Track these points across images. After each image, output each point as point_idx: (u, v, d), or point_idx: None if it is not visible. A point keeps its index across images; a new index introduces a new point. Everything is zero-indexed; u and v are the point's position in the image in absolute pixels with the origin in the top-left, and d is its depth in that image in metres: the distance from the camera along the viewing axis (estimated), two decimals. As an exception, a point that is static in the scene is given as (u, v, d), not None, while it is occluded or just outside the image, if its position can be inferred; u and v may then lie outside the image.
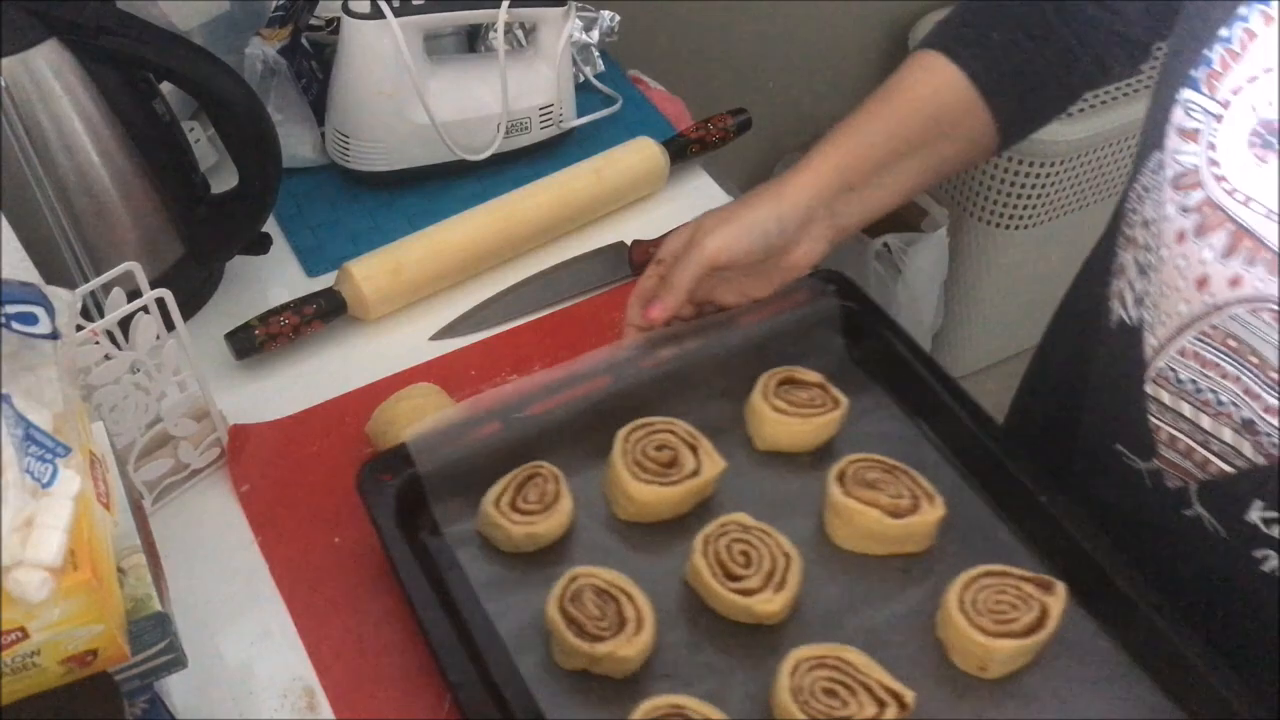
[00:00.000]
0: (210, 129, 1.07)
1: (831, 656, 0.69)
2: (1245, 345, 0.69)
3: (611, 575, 0.73)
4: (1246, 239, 0.66)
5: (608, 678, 0.71)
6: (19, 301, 0.54)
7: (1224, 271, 0.68)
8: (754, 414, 0.84)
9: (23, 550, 0.50)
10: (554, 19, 1.09)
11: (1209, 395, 0.72)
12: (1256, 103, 0.65)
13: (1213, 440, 0.73)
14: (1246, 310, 0.68)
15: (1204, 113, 0.68)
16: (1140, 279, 0.75)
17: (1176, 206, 0.70)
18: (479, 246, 1.02)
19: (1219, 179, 0.67)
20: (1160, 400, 0.75)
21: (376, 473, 0.78)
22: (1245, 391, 0.70)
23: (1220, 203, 0.67)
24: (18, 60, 0.82)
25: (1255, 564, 0.73)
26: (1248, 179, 0.66)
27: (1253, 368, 0.69)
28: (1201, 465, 0.74)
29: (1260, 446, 0.70)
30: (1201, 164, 0.68)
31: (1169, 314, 0.73)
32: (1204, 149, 0.68)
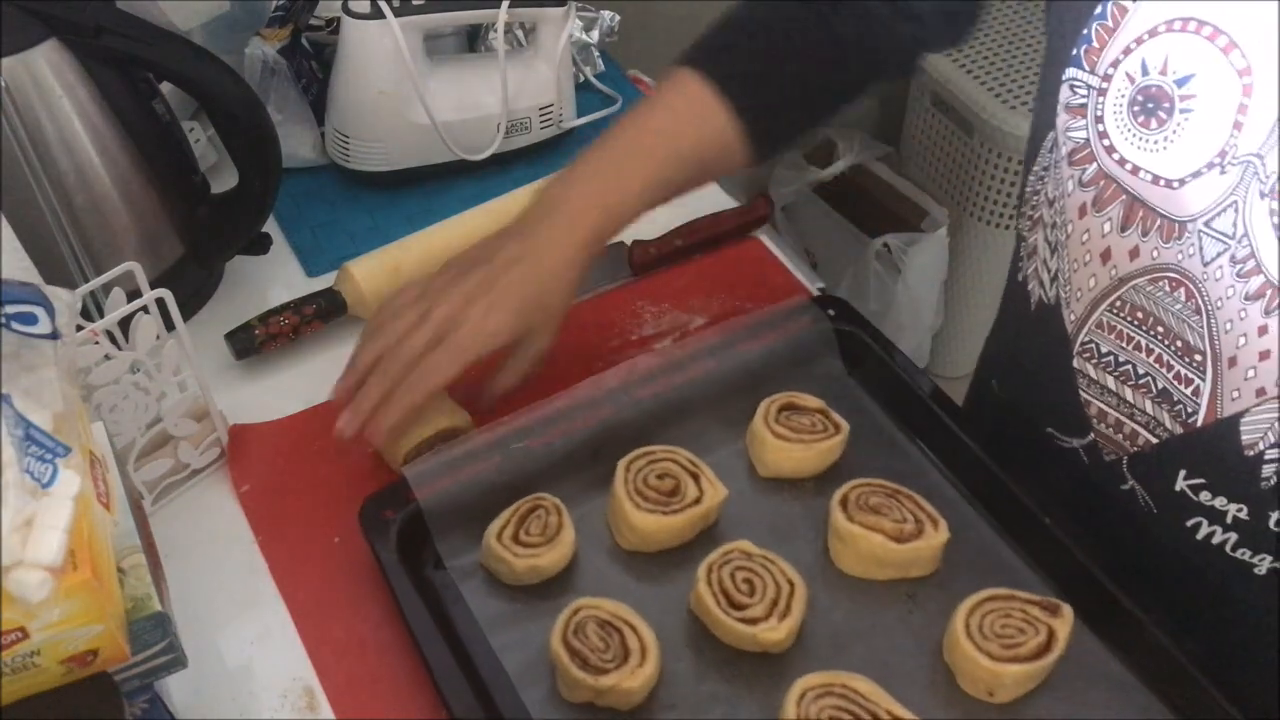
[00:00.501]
0: (210, 129, 1.07)
1: (838, 684, 0.69)
2: (1150, 315, 0.71)
3: (615, 606, 0.73)
4: (1140, 208, 0.69)
5: (613, 709, 0.71)
6: (19, 301, 0.54)
7: (1123, 244, 0.71)
8: (755, 440, 0.84)
9: (23, 550, 0.50)
10: (554, 19, 1.09)
11: (1128, 367, 0.74)
12: (1132, 71, 0.67)
13: (1137, 412, 0.75)
14: (1147, 280, 0.71)
15: (1087, 88, 0.70)
16: (1052, 258, 0.78)
17: (1075, 181, 0.73)
18: (479, 246, 1.02)
19: (1109, 150, 0.70)
20: (1087, 374, 0.77)
21: (378, 508, 0.78)
22: (1157, 361, 0.72)
23: (1112, 173, 0.70)
24: (18, 60, 0.82)
25: (1189, 533, 0.75)
26: (1132, 147, 0.69)
27: (1160, 337, 0.71)
28: (1130, 438, 0.77)
29: (1177, 416, 0.72)
30: (1091, 136, 0.71)
31: (1080, 289, 0.75)
32: (1091, 122, 0.70)
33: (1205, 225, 0.66)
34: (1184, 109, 0.66)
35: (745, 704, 0.72)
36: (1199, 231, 0.67)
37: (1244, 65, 0.63)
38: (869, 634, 0.75)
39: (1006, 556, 0.79)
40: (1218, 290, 0.67)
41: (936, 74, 1.93)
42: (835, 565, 0.79)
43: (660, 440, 0.83)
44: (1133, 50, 0.67)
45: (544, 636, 0.72)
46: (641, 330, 0.99)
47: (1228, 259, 0.66)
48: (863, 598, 0.77)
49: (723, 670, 0.74)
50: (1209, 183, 0.66)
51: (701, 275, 1.04)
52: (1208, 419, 0.71)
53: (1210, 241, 0.66)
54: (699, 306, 1.01)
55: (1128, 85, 0.68)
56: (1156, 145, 0.67)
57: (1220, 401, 0.70)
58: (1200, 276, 0.68)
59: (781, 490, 0.84)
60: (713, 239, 1.06)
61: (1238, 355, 0.67)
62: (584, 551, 0.80)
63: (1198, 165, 0.66)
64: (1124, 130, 0.69)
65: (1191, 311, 0.69)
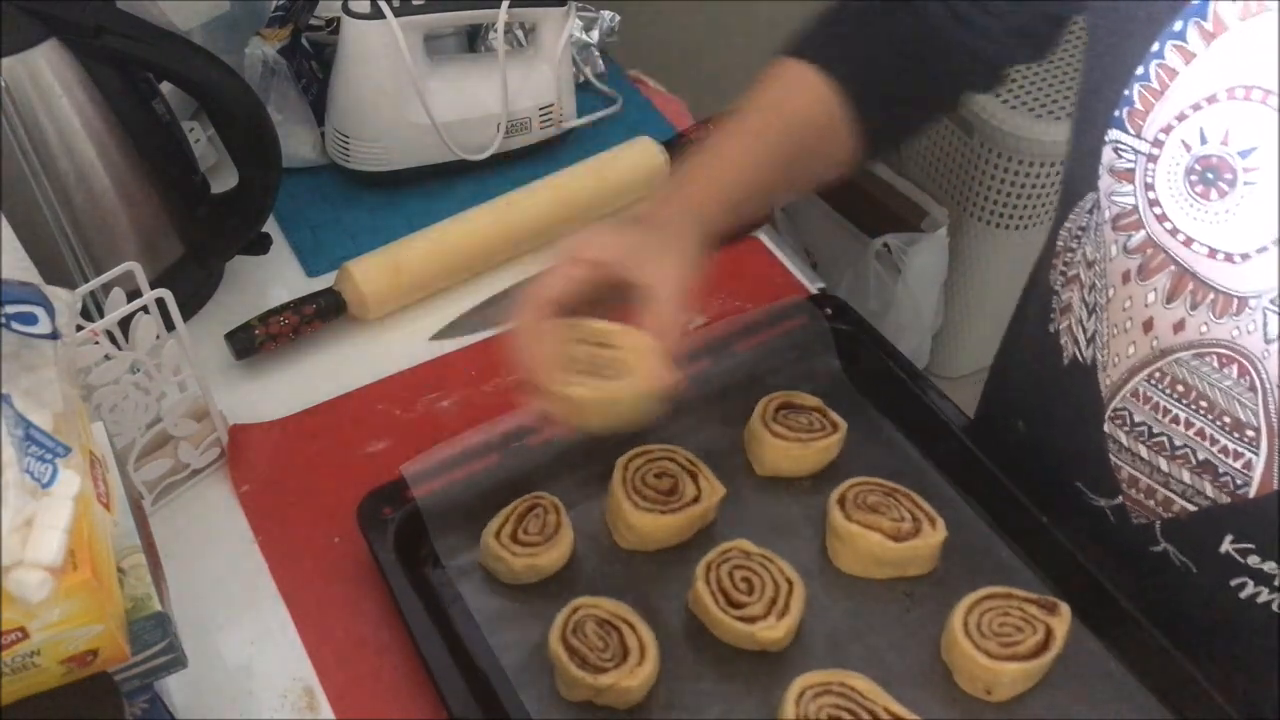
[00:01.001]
0: (210, 129, 1.07)
1: (836, 683, 0.69)
2: (1193, 389, 0.68)
3: (614, 605, 0.73)
4: (1190, 280, 0.65)
5: (612, 708, 0.71)
6: (19, 301, 0.54)
7: (1168, 315, 0.67)
8: (753, 439, 0.84)
9: (23, 550, 0.50)
10: (554, 19, 1.09)
11: (1162, 439, 0.71)
12: (1189, 139, 0.63)
13: (1173, 480, 0.72)
14: (1192, 355, 0.67)
15: (1134, 152, 0.66)
16: (1089, 319, 0.74)
17: (1119, 247, 0.69)
18: (479, 246, 1.02)
19: (1160, 218, 0.66)
20: (1118, 440, 0.74)
21: (376, 506, 0.79)
22: (1198, 435, 0.69)
23: (1162, 243, 0.66)
24: (18, 60, 0.82)
25: (1232, 592, 0.73)
26: (1187, 218, 0.64)
27: (1203, 412, 0.68)
28: (1164, 504, 0.74)
29: (1223, 487, 0.69)
30: (1140, 203, 0.67)
31: (1119, 355, 0.72)
32: (1141, 188, 0.66)
33: (1270, 302, 0.63)
34: (1248, 181, 0.61)
35: (744, 703, 0.72)
36: (1264, 309, 0.63)
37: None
38: (867, 632, 0.75)
39: (1004, 555, 0.79)
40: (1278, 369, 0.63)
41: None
42: (833, 564, 0.79)
43: (658, 439, 0.83)
44: (1188, 117, 0.63)
45: (542, 635, 0.72)
46: (641, 330, 0.99)
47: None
48: (861, 596, 0.77)
49: (721, 669, 0.74)
50: (1274, 258, 0.62)
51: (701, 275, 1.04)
52: (1262, 490, 0.67)
53: (1275, 319, 0.63)
54: (699, 306, 1.01)
55: (1183, 153, 0.64)
56: (1216, 218, 0.63)
57: (1276, 474, 0.66)
58: (1260, 354, 0.64)
59: (779, 489, 0.84)
60: (712, 239, 1.06)
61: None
62: (582, 550, 0.80)
63: (1263, 240, 0.62)
64: (1179, 200, 0.64)
65: (1245, 389, 0.65)
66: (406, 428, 0.91)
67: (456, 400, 0.93)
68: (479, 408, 0.92)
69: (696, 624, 0.75)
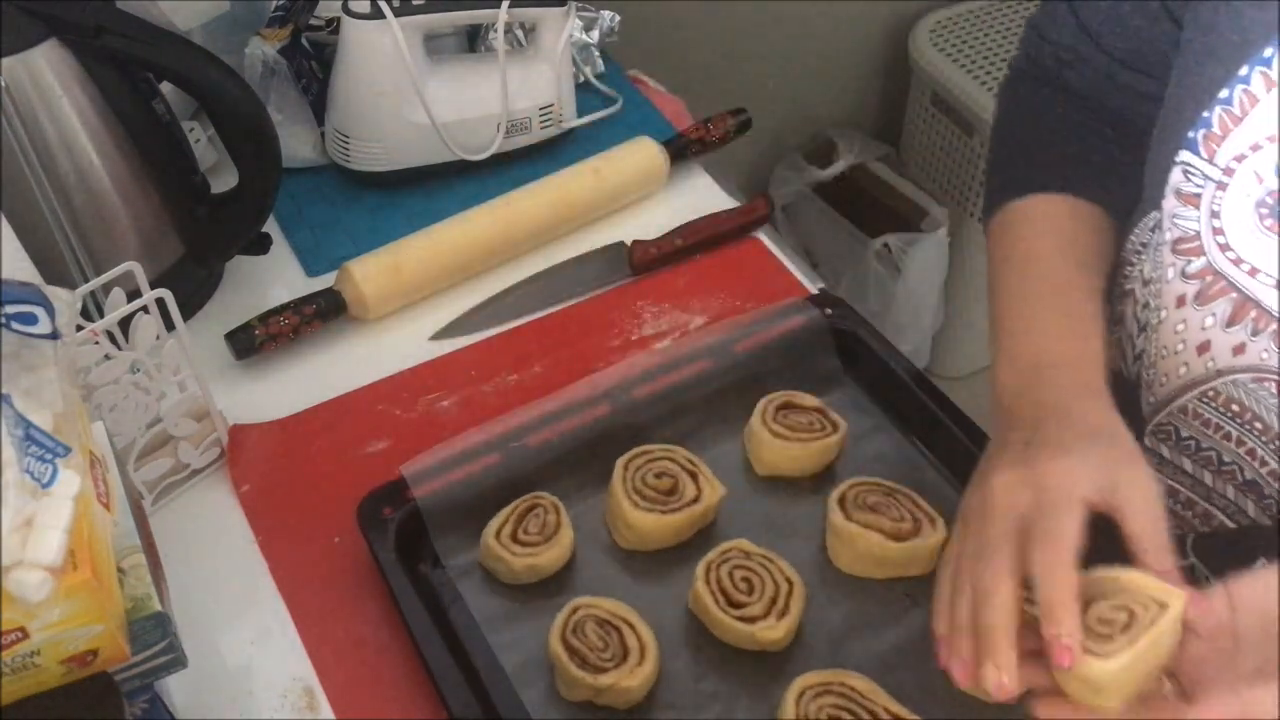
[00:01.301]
0: (210, 129, 1.07)
1: (836, 683, 0.69)
2: (1248, 410, 0.66)
3: (614, 605, 0.73)
4: (1252, 309, 0.63)
5: (612, 708, 0.71)
6: (19, 301, 0.54)
7: (1227, 340, 0.65)
8: (753, 439, 0.84)
9: (23, 550, 0.50)
10: (554, 19, 1.09)
11: (1210, 454, 0.69)
12: (1262, 171, 0.62)
13: (1215, 495, 0.71)
14: (1250, 379, 0.65)
15: (1204, 177, 0.64)
16: (1139, 336, 0.73)
17: (1176, 271, 0.67)
18: (479, 246, 1.02)
19: (1223, 247, 0.64)
20: (1160, 454, 0.73)
21: (376, 506, 0.79)
22: (1249, 454, 0.67)
23: (1224, 271, 0.64)
24: (18, 60, 0.82)
25: None
26: (1254, 249, 0.63)
27: (1257, 433, 0.66)
28: (1203, 517, 0.72)
29: (1266, 508, 0.68)
30: (1204, 230, 0.65)
31: (1168, 375, 0.70)
32: (1206, 215, 0.64)
33: None
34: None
35: (743, 703, 0.72)
36: None
37: None
38: (867, 632, 0.75)
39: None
40: None
41: (936, 74, 1.93)
42: (833, 564, 0.79)
43: (658, 439, 0.83)
44: (1262, 148, 0.61)
45: (542, 635, 0.72)
46: (641, 330, 0.99)
47: None
48: (861, 596, 0.77)
49: (721, 669, 0.74)
50: None
51: (701, 275, 1.04)
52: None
53: None
54: (699, 306, 1.01)
55: (1255, 185, 0.61)
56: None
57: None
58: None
59: (779, 489, 0.84)
60: (713, 239, 1.06)
61: None
62: (582, 550, 0.80)
63: None
64: (1246, 231, 0.62)
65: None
66: (406, 428, 0.91)
67: (456, 400, 0.93)
68: (479, 408, 0.92)
69: (696, 624, 0.75)
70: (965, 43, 1.95)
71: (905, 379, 0.88)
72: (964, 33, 1.95)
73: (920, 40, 1.92)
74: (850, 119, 2.10)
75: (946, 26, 1.95)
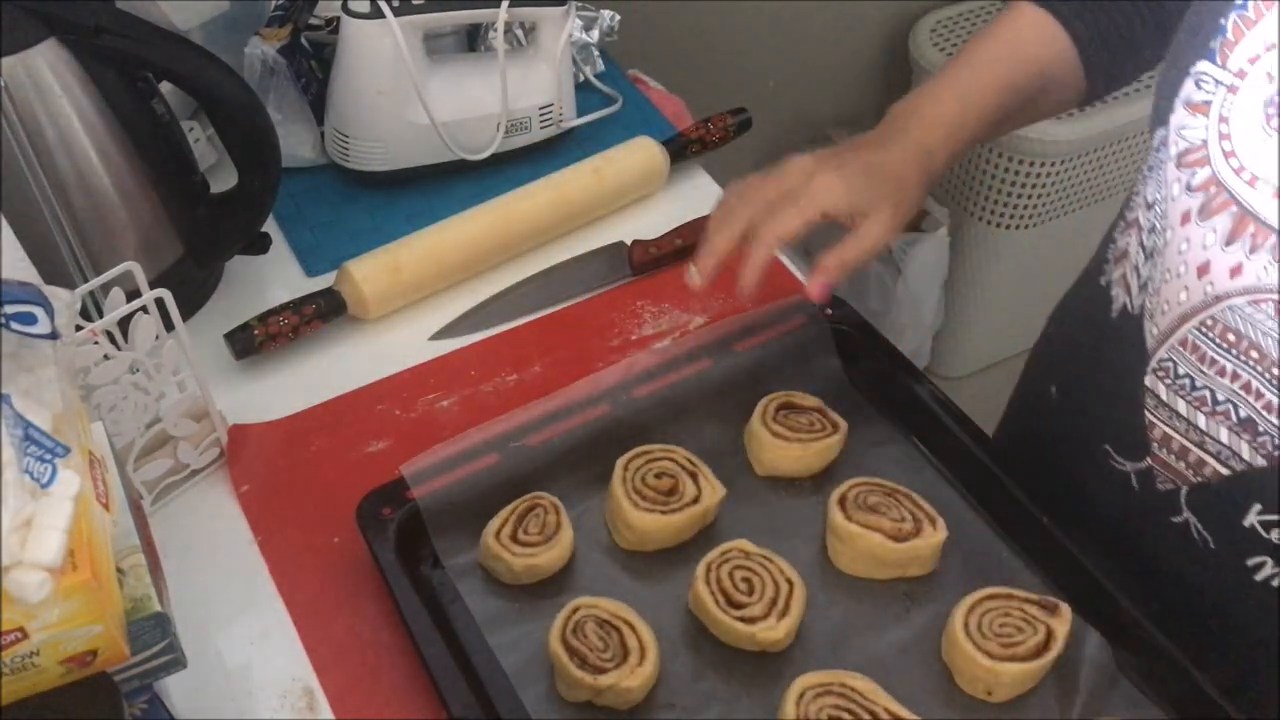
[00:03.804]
0: (210, 129, 1.07)
1: (837, 683, 0.69)
2: (1245, 339, 0.67)
3: (614, 605, 0.73)
4: (1250, 223, 0.64)
5: (612, 709, 0.71)
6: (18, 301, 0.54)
7: (1225, 259, 0.66)
8: (753, 439, 0.84)
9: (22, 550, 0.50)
10: (554, 19, 1.09)
11: (1205, 392, 0.70)
12: (1274, 70, 0.63)
13: (1209, 440, 0.71)
14: (1246, 301, 0.66)
15: (1215, 84, 0.65)
16: (1145, 264, 0.74)
17: (1181, 185, 0.68)
18: (479, 246, 1.02)
19: (1227, 155, 0.65)
20: (1158, 394, 0.73)
21: (376, 506, 0.78)
22: (1244, 388, 0.68)
23: (1226, 181, 0.65)
24: (17, 60, 0.82)
25: (1248, 573, 0.72)
26: (1256, 155, 0.64)
27: (1253, 363, 0.67)
28: (1196, 467, 0.73)
29: (1260, 447, 0.68)
30: (1211, 138, 0.66)
31: (1169, 301, 0.71)
32: (1214, 122, 0.66)
33: None
34: None
35: (744, 703, 0.72)
36: None
37: None
38: (867, 633, 0.75)
39: (1005, 556, 0.79)
40: None
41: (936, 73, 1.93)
42: (834, 564, 0.79)
43: (658, 439, 0.83)
44: (1275, 47, 0.63)
45: (542, 636, 0.72)
46: (641, 330, 0.99)
47: None
48: (861, 597, 0.77)
49: (721, 669, 0.74)
50: None
51: (701, 275, 1.04)
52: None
53: None
54: (699, 306, 1.01)
55: (1266, 84, 0.63)
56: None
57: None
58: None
59: (780, 489, 0.84)
60: (712, 239, 1.06)
61: None
62: (582, 550, 0.79)
63: None
64: (1252, 135, 0.64)
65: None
66: (406, 428, 0.91)
67: (456, 400, 0.93)
68: (479, 408, 0.92)
69: (696, 624, 0.75)
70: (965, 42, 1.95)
71: (905, 379, 0.88)
72: (964, 32, 1.95)
73: (920, 40, 1.92)
74: (850, 119, 2.10)
75: (946, 26, 1.95)
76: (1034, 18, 0.85)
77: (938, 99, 0.83)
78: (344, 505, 0.80)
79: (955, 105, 0.83)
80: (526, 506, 0.79)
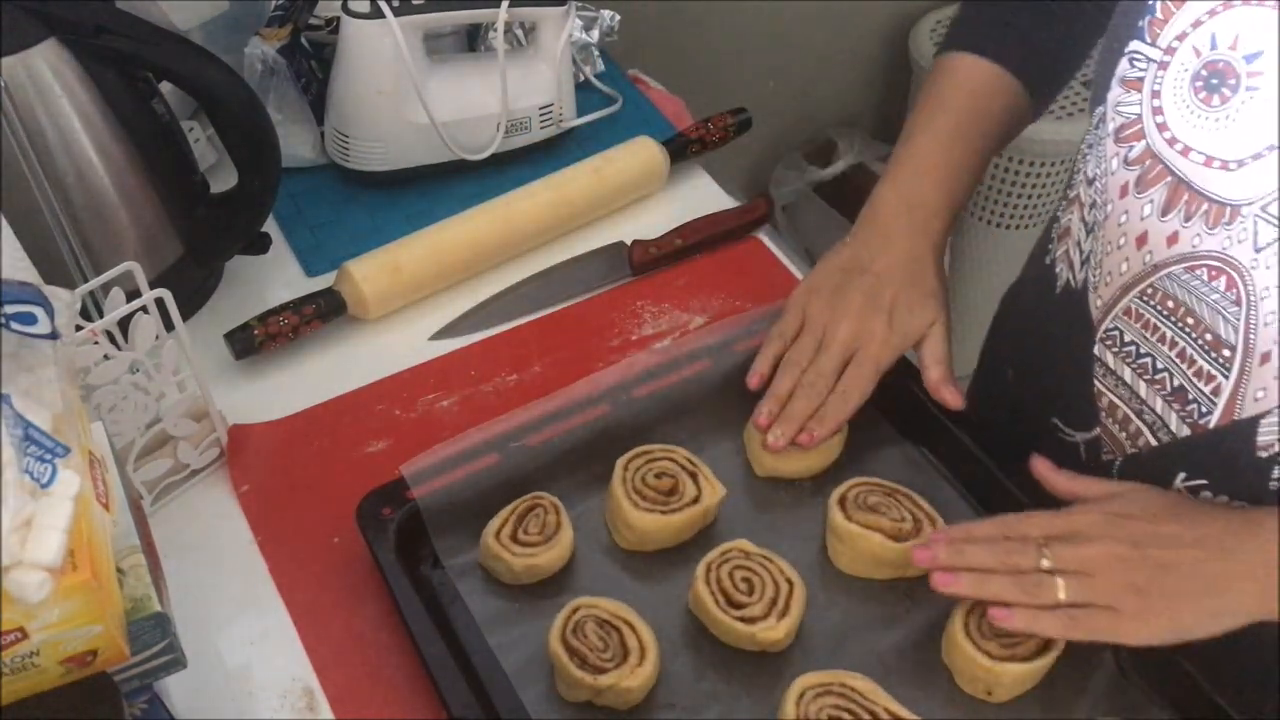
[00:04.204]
0: (210, 129, 1.07)
1: (837, 683, 0.69)
2: (1182, 305, 0.70)
3: (614, 605, 0.73)
4: (1184, 192, 0.68)
5: (612, 709, 0.71)
6: (18, 301, 0.54)
7: (1162, 229, 0.69)
8: (753, 439, 0.84)
9: (22, 550, 0.50)
10: (554, 19, 1.09)
11: (1147, 360, 0.73)
12: (1200, 45, 0.66)
13: (1146, 409, 0.74)
14: (1183, 269, 0.69)
15: (1147, 61, 0.69)
16: (1087, 239, 0.77)
17: (1120, 159, 0.72)
18: (479, 246, 1.02)
19: (1160, 128, 0.69)
20: (1105, 363, 0.77)
21: (376, 506, 0.78)
22: (1180, 355, 0.71)
23: (1160, 153, 0.69)
24: (17, 60, 0.82)
25: None
26: (1187, 126, 0.67)
27: (1188, 329, 0.70)
28: (1133, 437, 0.76)
29: (1187, 417, 0.72)
30: (1144, 112, 0.69)
31: (1111, 273, 0.74)
32: (1148, 97, 0.69)
33: (1262, 210, 0.65)
34: (1250, 86, 0.64)
35: (744, 703, 0.72)
36: (1255, 216, 0.65)
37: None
38: (867, 633, 0.75)
39: (1005, 556, 0.79)
40: (1265, 279, 0.65)
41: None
42: (833, 564, 0.79)
43: (658, 439, 0.83)
44: (1203, 23, 0.66)
45: (542, 636, 0.72)
46: (641, 330, 0.99)
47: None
48: (861, 597, 0.77)
49: (721, 669, 0.74)
50: (1269, 165, 0.64)
51: (701, 275, 1.04)
52: (1224, 419, 0.70)
53: (1266, 227, 0.65)
54: (699, 306, 1.01)
55: (1193, 59, 0.66)
56: (1216, 124, 0.66)
57: (1241, 401, 0.69)
58: (1248, 264, 0.66)
59: (780, 489, 0.84)
60: (713, 239, 1.06)
61: (1273, 350, 0.66)
62: (582, 550, 0.79)
63: (1259, 147, 0.64)
64: (1181, 107, 0.67)
65: (1230, 303, 0.67)
66: (406, 428, 0.91)
67: (456, 400, 0.93)
68: (479, 408, 0.92)
69: (696, 624, 0.75)
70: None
71: (905, 379, 0.88)
72: (964, 32, 1.95)
73: (920, 40, 1.92)
74: (850, 119, 2.10)
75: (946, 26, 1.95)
76: (981, 74, 0.88)
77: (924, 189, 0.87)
78: (344, 505, 0.80)
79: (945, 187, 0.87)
80: (526, 506, 0.79)
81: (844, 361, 0.83)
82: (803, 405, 0.82)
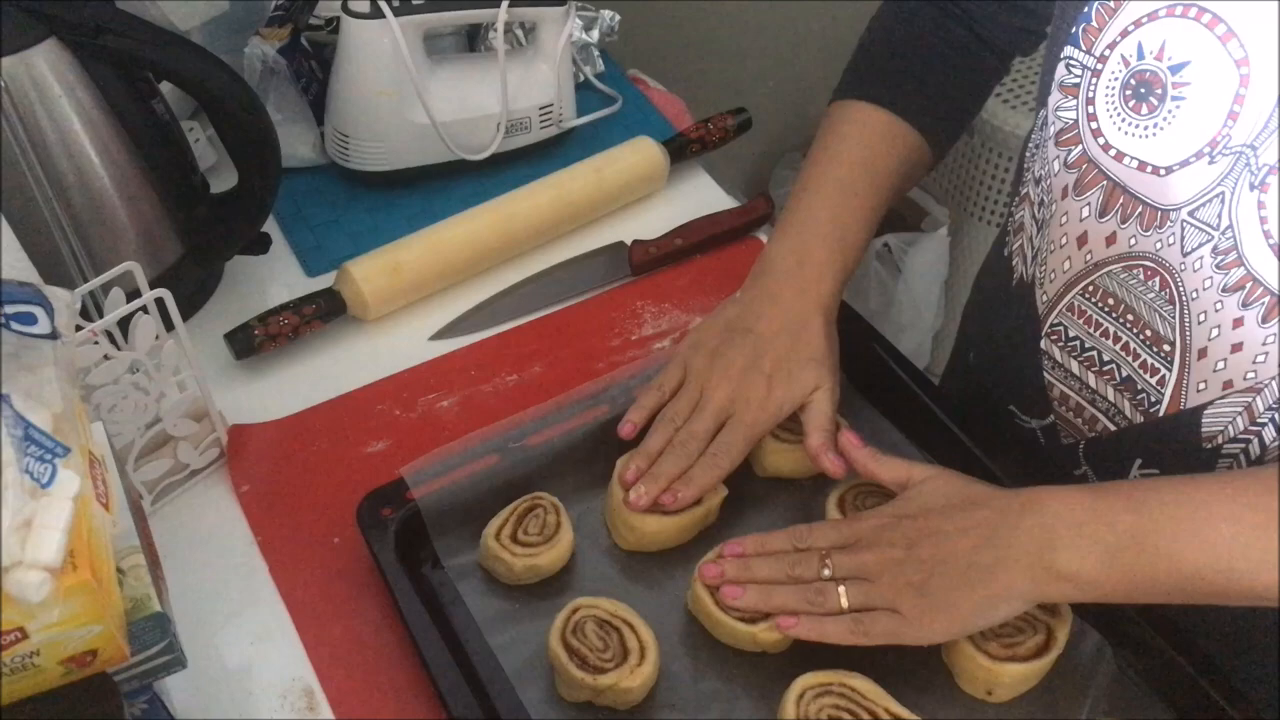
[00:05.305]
0: (210, 129, 1.07)
1: (837, 683, 0.69)
2: (1121, 302, 0.72)
3: (614, 606, 0.73)
4: (1120, 195, 0.69)
5: (612, 709, 0.71)
6: (18, 301, 0.54)
7: (1100, 229, 0.71)
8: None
9: (22, 550, 0.50)
10: (554, 19, 1.09)
11: (1093, 353, 0.75)
12: (1128, 54, 0.67)
13: (1099, 398, 0.76)
14: (1121, 268, 0.71)
15: (1081, 68, 0.70)
16: (1036, 235, 0.78)
17: (1060, 162, 0.73)
18: (479, 246, 1.02)
19: (1095, 133, 0.70)
20: (1053, 356, 0.78)
21: (376, 507, 0.78)
22: (1124, 349, 0.73)
23: (1095, 158, 0.70)
24: (17, 60, 0.82)
25: None
26: (1119, 133, 0.69)
27: (1129, 324, 0.72)
28: (1090, 423, 0.77)
29: (1139, 405, 0.73)
30: (1080, 118, 0.71)
31: (1055, 270, 0.76)
32: (1083, 103, 0.70)
33: (1189, 215, 0.66)
34: (1176, 96, 0.65)
35: (744, 703, 0.72)
36: (1182, 221, 0.67)
37: (1241, 55, 0.63)
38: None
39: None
40: (1194, 281, 0.67)
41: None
42: None
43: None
44: (1130, 33, 0.67)
45: (542, 636, 0.72)
46: (641, 330, 0.99)
47: (1209, 250, 0.66)
48: None
49: (721, 670, 0.73)
50: (1196, 172, 0.66)
51: (701, 275, 1.04)
52: (1170, 409, 0.71)
53: (1193, 232, 0.66)
54: (699, 306, 1.01)
55: (1122, 68, 0.68)
56: (1146, 131, 0.67)
57: (1185, 393, 0.70)
58: (1178, 267, 0.68)
59: (779, 490, 0.84)
60: (713, 239, 1.06)
61: (1209, 347, 0.68)
62: (582, 551, 0.79)
63: (1186, 154, 0.66)
64: (1113, 114, 0.69)
65: (1164, 301, 0.69)
66: (406, 428, 0.91)
67: (456, 400, 0.93)
68: (479, 408, 0.92)
69: (696, 624, 0.75)
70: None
71: (905, 379, 0.88)
72: (964, 33, 1.95)
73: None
74: (850, 119, 2.10)
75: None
76: (876, 124, 0.88)
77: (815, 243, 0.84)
78: (344, 505, 0.80)
79: (838, 243, 0.84)
80: (526, 507, 0.79)
81: (718, 424, 0.80)
82: (671, 466, 0.78)
